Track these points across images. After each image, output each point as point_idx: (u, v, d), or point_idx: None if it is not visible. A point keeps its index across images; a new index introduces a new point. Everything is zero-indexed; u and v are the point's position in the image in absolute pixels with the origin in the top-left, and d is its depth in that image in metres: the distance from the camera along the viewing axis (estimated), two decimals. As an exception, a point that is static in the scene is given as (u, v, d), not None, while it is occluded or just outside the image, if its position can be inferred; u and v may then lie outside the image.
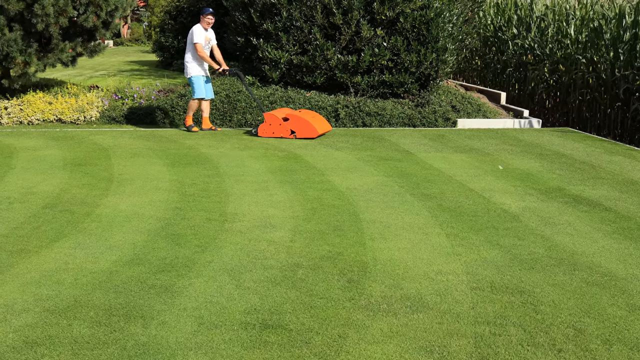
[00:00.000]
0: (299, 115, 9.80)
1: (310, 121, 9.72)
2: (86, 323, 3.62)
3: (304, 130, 9.69)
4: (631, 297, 4.08)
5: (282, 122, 9.76)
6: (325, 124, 10.09)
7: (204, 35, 10.10)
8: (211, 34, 10.31)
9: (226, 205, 6.03)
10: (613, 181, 7.28)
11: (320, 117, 10.19)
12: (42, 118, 10.76)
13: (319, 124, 9.86)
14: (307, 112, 10.21)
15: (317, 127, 9.71)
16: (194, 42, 10.01)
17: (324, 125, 10.04)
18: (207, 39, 10.20)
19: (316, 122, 9.86)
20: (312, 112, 10.25)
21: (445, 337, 3.53)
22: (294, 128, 9.75)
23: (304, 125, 9.70)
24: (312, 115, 10.04)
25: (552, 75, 13.78)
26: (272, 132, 9.81)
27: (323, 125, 10.01)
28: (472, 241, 5.12)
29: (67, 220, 5.50)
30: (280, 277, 4.31)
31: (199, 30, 10.07)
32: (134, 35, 38.37)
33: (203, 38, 10.08)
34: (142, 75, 16.04)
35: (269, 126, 9.83)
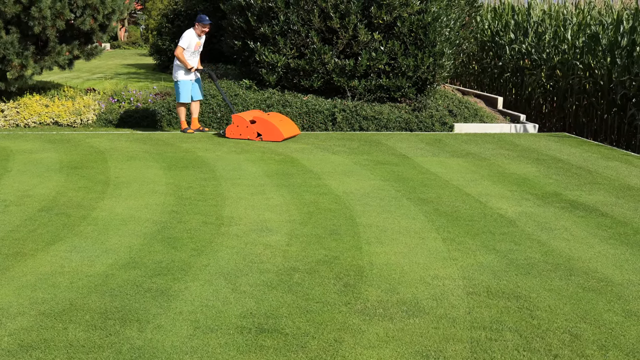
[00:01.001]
0: (265, 118, 9.80)
1: (277, 125, 9.70)
2: (82, 327, 3.61)
3: (270, 134, 9.72)
4: (627, 303, 4.08)
5: (249, 124, 9.80)
6: (292, 128, 10.09)
7: (194, 41, 10.14)
8: (202, 40, 10.38)
9: (222, 208, 6.03)
10: (609, 186, 7.29)
11: (288, 121, 10.18)
12: (39, 121, 10.75)
13: (285, 128, 9.85)
14: (275, 115, 10.24)
15: (283, 131, 9.72)
16: (178, 45, 10.13)
17: (291, 129, 10.03)
18: (198, 44, 10.25)
19: (283, 125, 9.84)
20: (280, 116, 10.28)
21: (441, 342, 3.52)
22: (260, 131, 9.77)
23: (270, 129, 9.71)
24: (279, 119, 10.03)
25: (549, 80, 13.81)
26: (239, 133, 9.88)
27: (290, 129, 9.99)
28: (469, 246, 5.12)
29: (63, 223, 5.49)
30: (277, 281, 4.30)
31: (190, 35, 10.13)
32: (131, 38, 38.39)
33: (192, 43, 10.11)
34: (139, 78, 16.04)
35: (237, 128, 9.89)
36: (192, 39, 10.14)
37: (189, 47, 10.13)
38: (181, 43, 10.05)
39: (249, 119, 9.81)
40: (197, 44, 10.22)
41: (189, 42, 10.11)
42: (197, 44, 10.22)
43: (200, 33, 10.21)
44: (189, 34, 10.14)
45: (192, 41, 10.13)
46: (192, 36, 10.15)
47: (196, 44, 10.20)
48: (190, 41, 10.12)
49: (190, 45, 10.13)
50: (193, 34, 10.16)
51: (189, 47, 10.13)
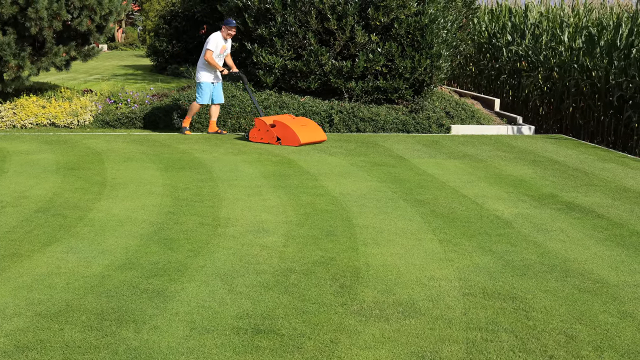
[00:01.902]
0: (285, 122, 9.62)
1: (295, 129, 9.51)
2: (78, 327, 3.61)
3: (288, 138, 9.55)
4: (623, 304, 4.09)
5: (270, 128, 9.65)
6: (315, 134, 9.81)
7: (221, 45, 10.07)
8: (229, 43, 10.32)
9: (219, 209, 6.03)
10: (606, 188, 7.31)
11: (312, 126, 9.94)
12: (36, 122, 10.74)
13: (305, 133, 9.62)
14: (299, 119, 9.99)
15: (301, 136, 9.48)
16: (206, 49, 10.01)
17: (313, 135, 9.77)
18: (224, 48, 10.18)
19: (303, 130, 9.63)
20: (305, 120, 10.05)
21: (437, 342, 3.53)
22: (279, 135, 9.60)
23: (288, 133, 9.53)
24: (302, 124, 9.81)
25: (546, 82, 13.84)
26: (260, 137, 9.75)
27: (312, 134, 9.75)
28: (465, 247, 5.13)
29: (59, 224, 5.49)
30: (273, 282, 4.31)
31: (217, 38, 10.06)
32: (128, 40, 38.39)
33: (218, 47, 10.03)
34: (136, 80, 16.03)
35: (258, 131, 9.79)
36: (219, 42, 10.08)
37: (216, 51, 10.06)
38: (209, 46, 9.98)
39: (269, 123, 9.66)
40: (223, 47, 10.15)
41: (216, 45, 10.03)
42: (223, 47, 10.15)
43: (226, 36, 10.15)
44: (215, 38, 10.08)
45: (218, 44, 10.06)
46: (219, 39, 10.09)
47: (222, 47, 10.13)
48: (217, 44, 10.05)
49: (216, 48, 10.05)
50: (219, 37, 10.10)
51: (216, 51, 10.06)
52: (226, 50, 10.28)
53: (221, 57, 10.22)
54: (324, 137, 9.91)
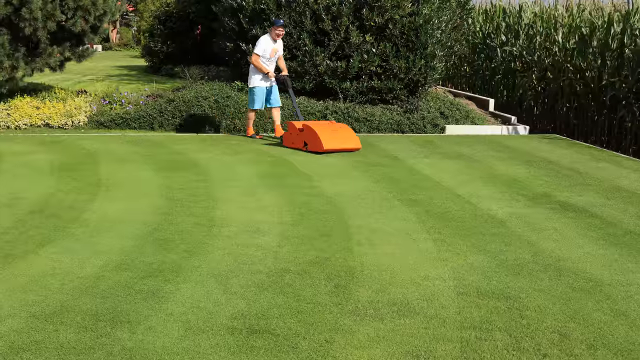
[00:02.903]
0: (312, 126, 9.06)
1: (321, 134, 8.88)
2: (72, 328, 3.61)
3: (314, 144, 8.97)
4: (616, 303, 4.11)
5: (299, 132, 9.20)
6: (345, 140, 9.10)
7: (270, 47, 9.70)
8: (279, 44, 9.96)
9: (214, 210, 6.03)
10: (599, 188, 7.34)
11: (344, 132, 9.23)
12: (30, 123, 10.72)
13: (332, 139, 8.95)
14: (335, 125, 9.42)
15: (326, 142, 8.86)
16: (253, 52, 9.75)
17: (344, 142, 9.07)
18: (274, 50, 9.81)
19: (332, 136, 8.96)
20: (338, 126, 9.41)
21: (432, 341, 3.54)
22: (306, 140, 9.08)
23: (314, 138, 8.95)
24: (332, 129, 9.18)
25: (540, 82, 13.88)
26: (292, 142, 9.34)
27: (341, 141, 9.05)
28: (459, 247, 5.14)
29: (54, 225, 5.48)
30: (268, 282, 4.31)
31: (265, 40, 9.70)
32: (122, 40, 38.32)
33: (267, 50, 9.68)
34: (130, 80, 16.01)
35: (290, 135, 9.42)
36: (268, 45, 9.69)
37: (264, 54, 9.69)
38: (256, 50, 9.66)
39: (298, 127, 9.22)
40: (273, 49, 9.77)
41: (264, 48, 9.66)
42: (273, 50, 9.77)
43: (275, 37, 9.75)
44: (263, 40, 9.71)
45: (267, 47, 9.68)
46: (267, 42, 9.70)
47: (272, 50, 9.75)
48: (266, 47, 9.67)
49: (265, 51, 9.69)
50: (268, 40, 9.72)
51: (264, 54, 9.69)
52: (277, 52, 9.90)
53: (272, 60, 9.83)
54: (357, 145, 9.14)
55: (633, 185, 7.54)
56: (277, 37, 9.75)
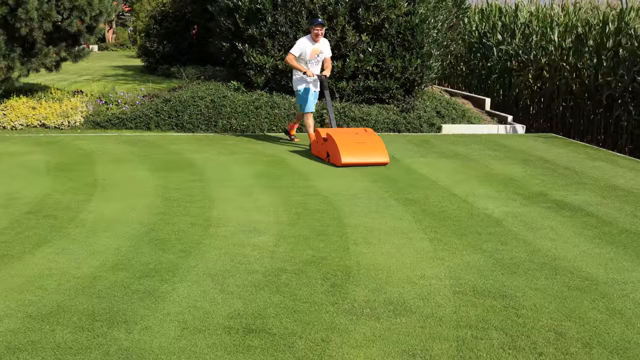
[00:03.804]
0: (335, 136, 8.25)
1: (341, 146, 8.07)
2: (69, 328, 3.61)
3: (334, 156, 8.20)
4: (611, 301, 4.13)
5: (323, 142, 8.50)
6: (373, 154, 8.23)
7: (309, 48, 9.07)
8: (322, 45, 9.24)
9: (210, 210, 6.03)
10: (595, 186, 7.35)
11: (371, 145, 8.34)
12: (26, 123, 10.71)
13: (355, 152, 8.14)
14: (364, 135, 8.53)
15: (345, 155, 8.04)
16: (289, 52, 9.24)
17: (369, 155, 8.22)
18: (316, 51, 9.13)
19: (354, 148, 8.17)
20: (368, 137, 8.50)
21: (428, 340, 3.55)
22: (329, 150, 8.34)
23: (335, 150, 8.16)
24: (359, 140, 8.35)
25: (536, 81, 13.90)
26: (317, 151, 8.71)
27: (365, 154, 8.20)
28: (455, 246, 5.15)
29: (50, 225, 5.48)
30: (264, 282, 4.32)
31: (302, 41, 9.14)
32: (118, 40, 38.27)
33: (306, 51, 9.07)
34: (126, 80, 15.99)
35: (316, 144, 8.78)
36: (306, 46, 9.07)
37: (302, 56, 9.11)
38: (291, 50, 9.15)
39: (323, 135, 8.49)
40: (313, 51, 9.10)
41: (302, 50, 9.07)
42: (313, 52, 9.11)
43: (314, 38, 9.08)
44: (301, 41, 9.14)
45: (305, 49, 9.06)
46: (305, 43, 9.09)
47: (312, 51, 9.09)
48: (304, 49, 9.06)
49: (304, 53, 9.08)
50: (306, 41, 9.11)
51: (302, 56, 9.11)
52: (321, 54, 9.21)
53: (313, 62, 9.18)
54: (384, 159, 8.22)
55: (629, 184, 7.56)
56: (316, 37, 9.08)
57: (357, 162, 8.10)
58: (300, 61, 9.17)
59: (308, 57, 9.11)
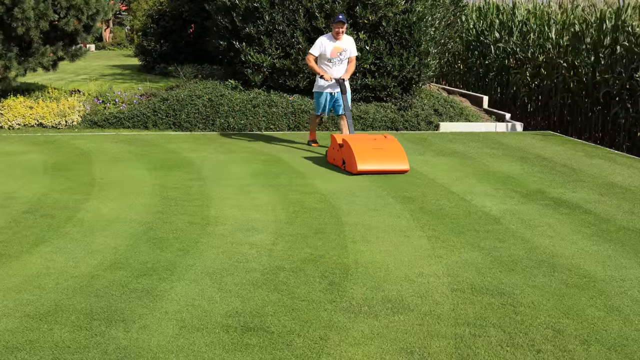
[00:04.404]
0: (350, 142, 7.69)
1: (357, 153, 7.54)
2: (67, 327, 3.60)
3: (349, 163, 7.65)
4: (609, 299, 4.13)
5: (339, 148, 7.93)
6: (391, 161, 7.70)
7: (329, 47, 8.63)
8: (345, 43, 8.76)
9: (208, 208, 6.03)
10: (593, 184, 7.36)
11: (389, 152, 7.80)
12: (23, 123, 10.69)
13: (372, 159, 7.60)
14: (383, 141, 7.98)
15: (362, 162, 7.50)
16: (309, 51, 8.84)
17: (387, 161, 7.68)
18: (338, 49, 8.66)
19: (371, 155, 7.63)
20: (386, 143, 7.95)
21: (426, 338, 3.55)
22: (344, 157, 7.78)
23: (350, 157, 7.62)
24: (376, 146, 7.80)
25: (534, 79, 13.90)
26: (333, 158, 8.14)
27: (383, 161, 7.67)
28: (453, 243, 5.15)
29: (48, 224, 5.47)
30: (262, 280, 4.32)
31: (322, 40, 8.71)
32: (116, 39, 38.21)
33: (326, 49, 8.63)
34: (124, 79, 15.98)
35: (332, 150, 8.20)
36: (326, 45, 8.63)
37: (323, 55, 8.68)
38: (311, 49, 8.76)
39: (339, 141, 7.92)
40: (334, 49, 8.64)
41: (321, 48, 8.64)
42: (334, 50, 8.64)
43: (335, 35, 8.65)
44: (320, 39, 8.74)
45: (325, 47, 8.63)
46: (325, 41, 8.66)
47: (333, 49, 8.63)
48: (324, 47, 8.63)
49: (324, 51, 8.64)
50: (326, 39, 8.69)
51: (323, 55, 8.68)
52: (344, 52, 8.72)
53: (335, 62, 8.71)
54: (404, 166, 7.68)
55: (626, 181, 7.56)
56: (337, 35, 8.64)
57: (374, 170, 7.57)
58: (321, 60, 8.79)
59: (328, 55, 8.68)
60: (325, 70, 8.77)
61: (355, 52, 9.03)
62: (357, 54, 8.97)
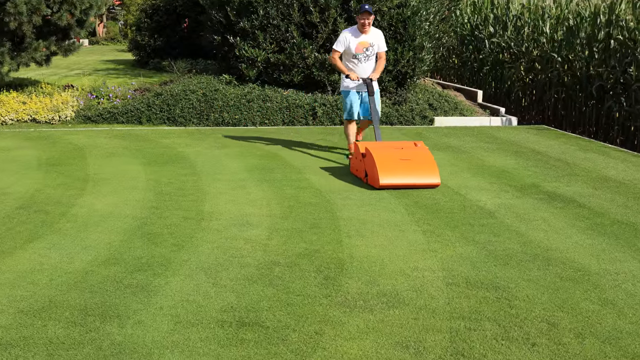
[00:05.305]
0: (374, 152, 6.76)
1: (380, 165, 6.62)
2: (61, 323, 3.59)
3: (372, 175, 6.74)
4: (603, 292, 4.14)
5: (362, 158, 6.99)
6: (420, 174, 6.74)
7: (354, 40, 7.70)
8: (372, 37, 7.79)
9: (203, 203, 6.02)
10: (587, 178, 7.37)
11: (419, 163, 6.85)
12: (16, 118, 10.64)
13: (397, 171, 6.67)
14: (412, 149, 7.08)
15: (385, 175, 6.56)
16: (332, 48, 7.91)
17: (414, 174, 6.72)
18: (364, 44, 7.73)
19: (396, 167, 6.71)
20: (416, 152, 7.00)
21: (421, 332, 3.55)
22: (367, 169, 6.85)
23: (373, 169, 6.70)
24: (403, 157, 6.87)
25: (528, 73, 13.91)
26: (355, 168, 7.23)
27: (411, 174, 6.72)
28: (448, 237, 5.16)
29: (41, 220, 5.45)
30: (257, 275, 4.31)
31: (345, 34, 7.75)
32: (109, 34, 38.06)
33: (350, 44, 7.71)
34: (117, 74, 15.93)
35: (354, 160, 7.31)
36: (350, 39, 7.69)
37: (347, 51, 7.75)
38: (334, 45, 7.82)
39: (362, 150, 6.98)
40: (360, 44, 7.71)
41: (345, 43, 7.71)
42: (360, 45, 7.71)
43: (361, 28, 7.69)
44: (343, 34, 7.77)
45: (350, 41, 7.69)
46: (348, 35, 7.71)
47: (359, 44, 7.70)
48: (347, 41, 7.69)
49: (348, 46, 7.70)
50: (350, 33, 7.74)
51: (347, 51, 7.75)
52: (371, 47, 7.76)
53: (362, 58, 7.75)
54: (435, 179, 6.72)
55: (620, 175, 7.58)
56: (362, 27, 7.69)
57: (399, 184, 6.63)
58: (346, 57, 7.84)
59: (353, 50, 7.71)
60: (352, 69, 7.82)
61: (385, 46, 7.98)
62: (386, 48, 7.99)
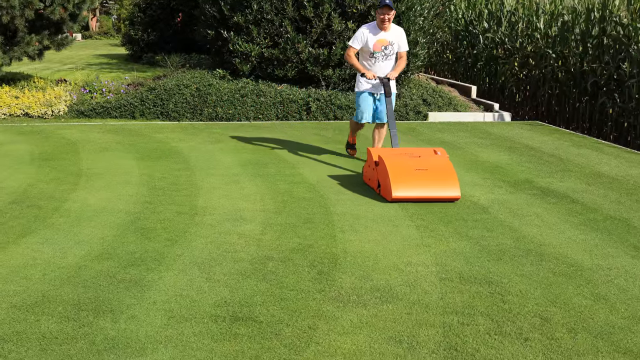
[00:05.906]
0: (387, 161, 6.18)
1: (393, 176, 6.04)
2: (54, 318, 3.58)
3: (384, 187, 6.17)
4: (596, 287, 4.16)
5: (374, 166, 6.45)
6: (435, 185, 6.11)
7: (371, 39, 7.16)
8: (393, 34, 7.25)
9: (196, 198, 6.01)
10: (580, 174, 7.39)
11: (436, 173, 6.23)
12: (9, 112, 10.59)
13: (411, 183, 6.06)
14: (429, 156, 6.51)
15: (398, 187, 5.99)
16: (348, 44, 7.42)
17: (432, 187, 6.09)
18: (382, 42, 7.19)
19: (410, 179, 6.11)
20: (434, 161, 6.41)
21: (414, 327, 3.56)
22: (380, 179, 6.30)
23: (385, 180, 6.15)
24: (419, 167, 6.26)
25: (522, 69, 13.92)
26: (368, 177, 6.69)
27: (427, 186, 6.09)
28: (442, 233, 5.16)
29: (34, 215, 5.43)
30: (251, 270, 4.31)
31: (362, 31, 7.21)
32: (102, 29, 37.91)
33: (368, 41, 7.18)
34: (111, 69, 15.87)
35: (367, 168, 6.75)
36: (368, 35, 7.16)
37: (365, 47, 7.23)
38: (350, 42, 7.31)
39: (375, 158, 6.47)
40: (378, 42, 7.17)
41: (363, 40, 7.18)
42: (378, 42, 7.17)
43: (380, 25, 7.15)
44: (362, 29, 7.23)
45: (367, 38, 7.16)
46: (366, 32, 7.18)
47: (377, 42, 7.17)
48: (365, 38, 7.17)
49: (366, 43, 7.18)
50: (368, 29, 7.21)
51: (365, 47, 7.23)
52: (390, 45, 7.23)
53: (380, 56, 7.22)
54: (455, 192, 6.09)
55: (613, 171, 7.60)
56: (382, 23, 7.13)
57: (414, 197, 6.03)
58: (363, 55, 7.35)
59: (371, 48, 7.18)
60: (368, 68, 7.31)
61: (406, 46, 7.41)
62: (407, 48, 7.43)
